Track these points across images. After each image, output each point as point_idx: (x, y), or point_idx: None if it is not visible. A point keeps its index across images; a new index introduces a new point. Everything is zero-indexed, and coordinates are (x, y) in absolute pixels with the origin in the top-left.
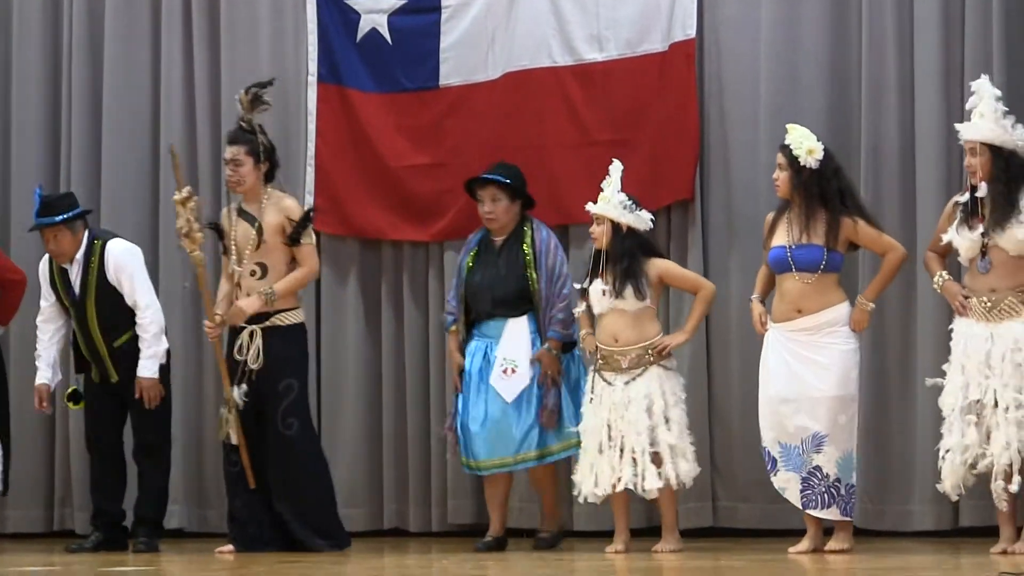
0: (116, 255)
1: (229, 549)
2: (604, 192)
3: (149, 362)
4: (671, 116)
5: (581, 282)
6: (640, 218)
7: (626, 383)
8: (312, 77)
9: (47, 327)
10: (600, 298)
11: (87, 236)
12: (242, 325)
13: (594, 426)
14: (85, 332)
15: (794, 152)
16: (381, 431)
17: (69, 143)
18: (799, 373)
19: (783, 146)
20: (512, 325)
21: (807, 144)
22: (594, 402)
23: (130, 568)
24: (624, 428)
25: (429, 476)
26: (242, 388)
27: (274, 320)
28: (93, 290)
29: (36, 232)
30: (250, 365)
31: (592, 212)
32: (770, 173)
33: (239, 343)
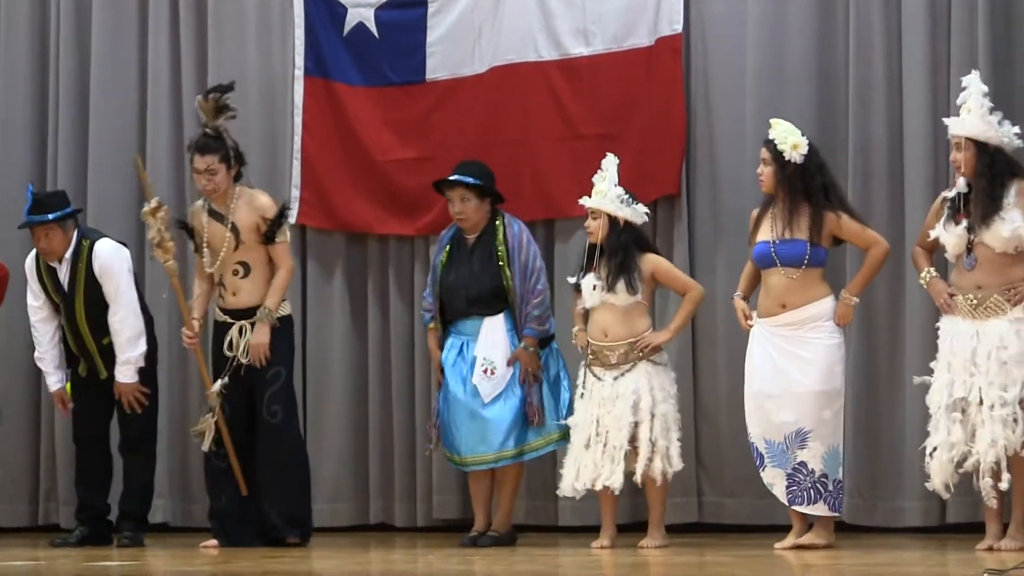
0: (103, 255)
1: (213, 544)
2: (600, 186)
3: (124, 367)
4: (657, 111)
5: (574, 276)
6: (636, 212)
7: (615, 379)
8: (299, 71)
9: (45, 327)
10: (591, 292)
11: (76, 235)
12: (230, 321)
13: (583, 421)
14: (74, 329)
15: (779, 147)
16: (367, 426)
17: (56, 137)
18: (783, 368)
19: (767, 141)
20: (488, 324)
21: (791, 139)
22: (584, 397)
23: (115, 563)
24: (610, 424)
25: (415, 471)
26: (223, 381)
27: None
28: (82, 288)
29: (18, 226)
30: (240, 360)
31: (588, 206)
32: (756, 168)
33: (229, 339)
